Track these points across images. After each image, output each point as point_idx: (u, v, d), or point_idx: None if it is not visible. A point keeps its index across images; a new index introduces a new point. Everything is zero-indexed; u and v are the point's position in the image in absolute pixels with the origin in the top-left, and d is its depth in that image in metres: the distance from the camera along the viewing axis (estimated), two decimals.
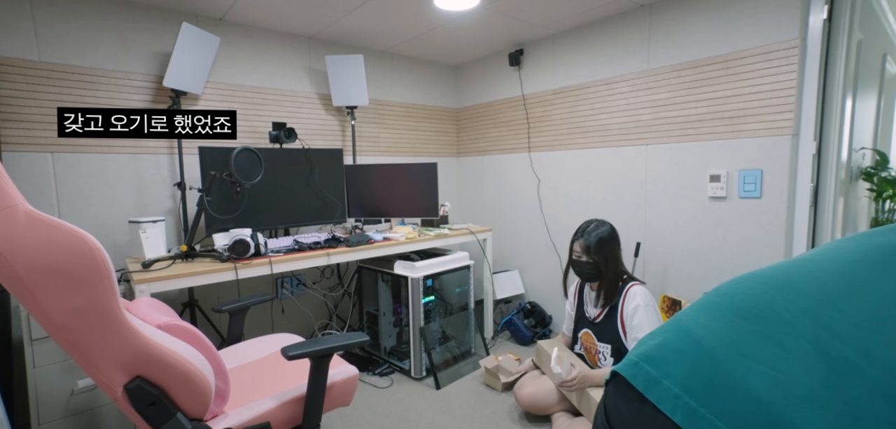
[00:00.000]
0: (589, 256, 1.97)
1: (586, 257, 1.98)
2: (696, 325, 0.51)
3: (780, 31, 2.09)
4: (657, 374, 0.47)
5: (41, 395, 1.80)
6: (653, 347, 0.51)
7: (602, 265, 1.96)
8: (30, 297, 0.90)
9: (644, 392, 0.47)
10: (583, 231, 2.03)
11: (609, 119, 2.80)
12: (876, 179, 2.86)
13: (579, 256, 2.00)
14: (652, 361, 0.49)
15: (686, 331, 0.51)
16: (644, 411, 0.46)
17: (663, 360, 0.48)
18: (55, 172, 2.21)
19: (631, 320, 1.88)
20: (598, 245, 1.96)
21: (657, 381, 0.47)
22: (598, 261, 1.96)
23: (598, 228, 2.01)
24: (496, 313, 3.37)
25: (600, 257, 1.95)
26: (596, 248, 1.96)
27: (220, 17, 2.61)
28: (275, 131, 2.69)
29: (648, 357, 0.49)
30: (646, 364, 0.49)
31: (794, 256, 2.17)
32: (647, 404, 0.46)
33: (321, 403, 1.36)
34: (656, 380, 0.47)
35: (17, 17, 2.08)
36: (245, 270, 2.05)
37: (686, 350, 0.48)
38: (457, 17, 2.71)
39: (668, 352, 0.49)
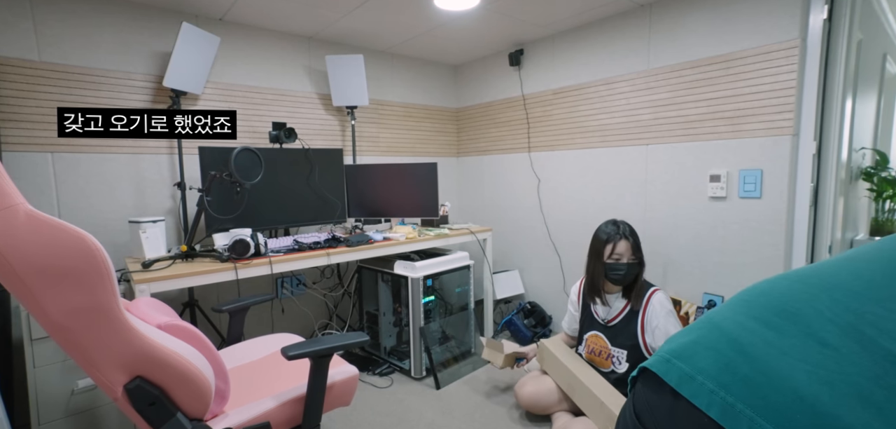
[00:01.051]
0: (635, 256, 1.93)
1: (629, 258, 1.92)
2: (731, 322, 0.50)
3: (780, 31, 2.09)
4: (690, 369, 0.47)
5: (41, 395, 1.80)
6: (685, 343, 0.50)
7: (642, 262, 1.95)
8: (30, 297, 0.90)
9: (677, 388, 0.46)
10: (619, 232, 1.95)
11: (609, 119, 2.80)
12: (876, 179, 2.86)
13: (620, 258, 1.93)
14: (684, 357, 0.48)
15: (719, 328, 0.50)
16: (678, 406, 0.46)
17: (696, 355, 0.48)
18: (55, 172, 2.21)
19: (655, 328, 1.86)
20: (638, 242, 1.96)
21: (690, 376, 0.46)
22: (642, 259, 1.95)
23: (627, 226, 1.98)
24: (496, 313, 3.37)
25: (642, 255, 1.95)
26: (639, 245, 1.95)
27: (220, 17, 2.61)
28: (275, 131, 2.69)
29: (680, 353, 0.49)
30: (678, 360, 0.48)
31: (793, 255, 2.18)
32: (680, 399, 0.46)
33: (321, 403, 1.36)
34: (689, 375, 0.46)
35: (17, 18, 2.08)
36: (245, 270, 2.05)
37: (720, 347, 0.48)
38: (457, 17, 2.71)
39: (701, 348, 0.49)
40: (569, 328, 2.27)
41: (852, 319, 0.44)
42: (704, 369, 0.46)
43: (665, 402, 0.48)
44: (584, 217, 2.95)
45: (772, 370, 0.43)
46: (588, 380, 1.91)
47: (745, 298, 0.54)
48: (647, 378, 0.51)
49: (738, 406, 0.42)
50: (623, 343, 1.96)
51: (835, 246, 2.29)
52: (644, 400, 0.52)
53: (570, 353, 2.12)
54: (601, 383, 1.91)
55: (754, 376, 0.44)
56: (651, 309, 1.89)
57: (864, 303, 0.45)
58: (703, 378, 0.46)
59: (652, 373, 0.50)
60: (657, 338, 1.86)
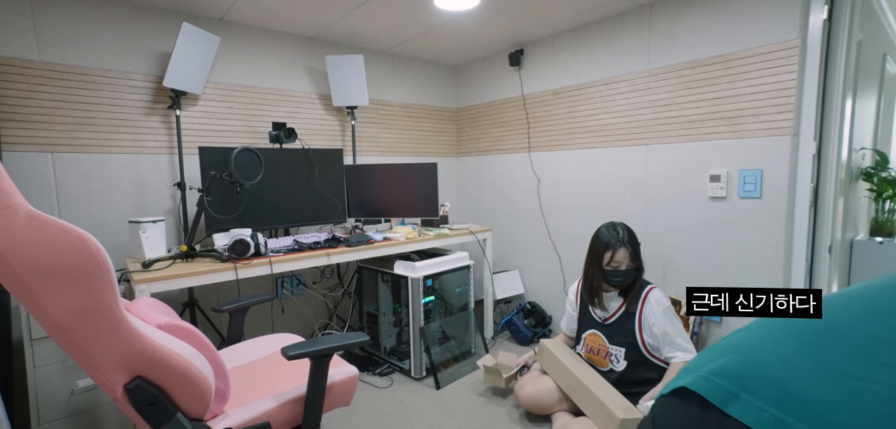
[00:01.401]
0: (633, 262, 1.92)
1: (628, 264, 1.92)
2: (773, 342, 0.50)
3: (780, 31, 2.09)
4: (734, 388, 0.47)
5: (41, 395, 1.80)
6: (726, 363, 0.50)
7: (640, 266, 1.95)
8: (30, 297, 0.90)
9: (722, 407, 0.46)
10: (619, 239, 1.94)
11: (609, 119, 2.80)
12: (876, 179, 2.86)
13: (619, 266, 1.92)
14: (726, 375, 0.48)
15: (762, 348, 0.50)
16: (725, 423, 0.46)
17: (740, 374, 0.48)
18: (55, 172, 2.21)
19: (653, 325, 1.86)
20: (638, 248, 1.95)
21: (735, 395, 0.46)
22: (639, 264, 1.94)
23: (627, 231, 1.96)
24: (496, 313, 3.37)
25: (640, 261, 1.94)
26: (638, 251, 1.94)
27: (220, 17, 2.61)
28: (275, 131, 2.69)
29: (720, 372, 0.49)
30: (719, 379, 0.48)
31: (793, 255, 2.18)
32: (727, 418, 0.46)
33: (321, 403, 1.36)
34: (734, 394, 0.46)
35: (17, 17, 2.08)
36: (245, 270, 2.05)
37: (767, 364, 0.48)
38: (457, 17, 2.71)
39: (746, 367, 0.48)
40: (567, 329, 2.27)
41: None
42: (750, 387, 0.46)
43: (706, 423, 0.48)
44: (584, 217, 2.95)
45: (822, 386, 0.43)
46: (588, 380, 1.91)
47: (785, 321, 0.54)
48: (682, 397, 0.51)
49: (789, 421, 0.42)
50: (621, 341, 1.96)
51: (835, 246, 2.29)
52: (678, 419, 0.51)
53: (569, 353, 2.12)
54: (601, 382, 1.91)
55: (804, 391, 0.44)
56: (648, 307, 1.90)
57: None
58: (749, 396, 0.46)
59: (691, 391, 0.50)
60: (657, 336, 1.86)
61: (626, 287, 1.97)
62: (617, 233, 1.96)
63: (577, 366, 2.01)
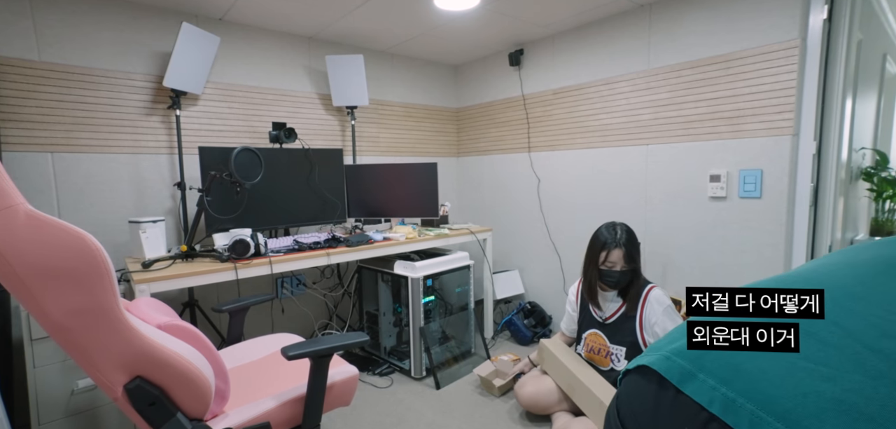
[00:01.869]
0: (628, 264, 1.91)
1: (623, 265, 1.91)
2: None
3: (779, 31, 2.09)
4: (693, 367, 0.47)
5: (41, 395, 1.80)
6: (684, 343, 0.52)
7: (637, 267, 1.94)
8: (30, 297, 0.90)
9: (678, 385, 0.47)
10: (615, 239, 1.93)
11: (609, 119, 2.80)
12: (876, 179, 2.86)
13: (614, 266, 1.92)
14: (687, 355, 0.49)
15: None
16: (679, 400, 0.47)
17: (700, 355, 0.49)
18: (55, 172, 2.21)
19: (654, 324, 1.86)
20: (635, 250, 1.93)
21: (692, 374, 0.47)
22: (636, 266, 1.93)
23: (626, 233, 1.95)
24: (496, 313, 3.37)
25: (637, 264, 1.93)
26: (635, 254, 1.92)
27: (220, 17, 2.61)
28: (275, 131, 2.69)
29: (681, 352, 0.50)
30: (679, 358, 0.49)
31: (793, 255, 2.18)
32: (681, 396, 0.46)
33: (321, 403, 1.36)
34: (691, 374, 0.47)
35: (17, 17, 2.08)
36: (245, 270, 2.05)
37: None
38: (457, 17, 2.71)
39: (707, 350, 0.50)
40: (567, 329, 2.27)
41: (856, 323, 0.46)
42: (707, 367, 0.47)
43: (660, 400, 0.49)
44: (584, 217, 2.95)
45: (772, 367, 0.45)
46: (588, 380, 1.91)
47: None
48: (643, 375, 0.52)
49: (739, 400, 0.43)
50: (621, 340, 1.96)
51: (835, 246, 2.29)
52: (632, 397, 0.53)
53: (569, 353, 2.12)
54: (601, 382, 1.91)
55: (755, 373, 0.45)
56: (649, 306, 1.89)
57: (867, 306, 0.47)
58: (705, 375, 0.46)
59: (652, 370, 0.51)
60: (658, 336, 1.86)
61: (625, 288, 1.97)
62: (614, 233, 1.96)
63: (577, 366, 2.01)
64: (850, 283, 0.52)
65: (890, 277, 0.50)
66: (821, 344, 0.45)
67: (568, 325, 2.26)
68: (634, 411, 0.51)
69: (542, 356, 2.19)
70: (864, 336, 0.44)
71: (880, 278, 0.51)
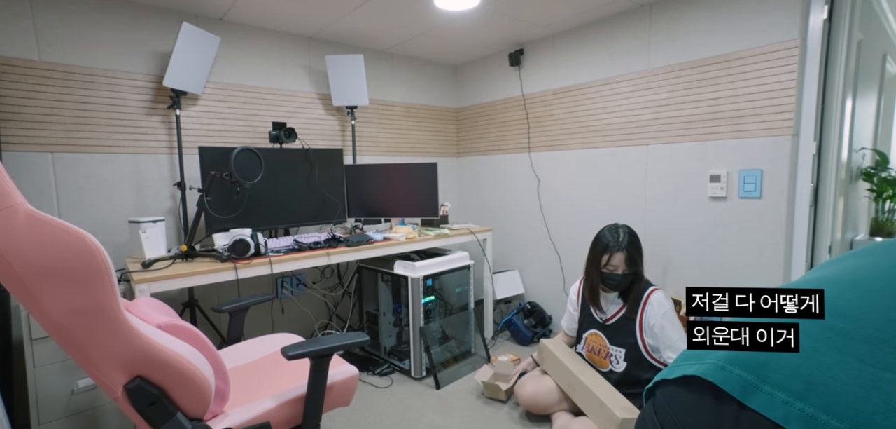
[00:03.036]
0: (631, 268, 1.90)
1: (625, 269, 1.90)
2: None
3: (780, 31, 2.09)
4: (754, 379, 0.43)
5: (41, 395, 1.80)
6: (741, 351, 0.46)
7: (639, 270, 1.93)
8: (30, 297, 0.90)
9: (741, 399, 0.42)
10: (617, 243, 1.91)
11: (609, 119, 2.80)
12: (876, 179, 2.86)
13: (615, 269, 1.91)
14: (743, 365, 0.44)
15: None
16: (744, 417, 0.42)
17: (759, 363, 0.44)
18: (55, 172, 2.21)
19: (653, 326, 1.85)
20: (637, 254, 1.92)
21: (756, 387, 0.42)
22: (639, 269, 1.92)
23: (629, 235, 1.93)
24: (496, 313, 3.37)
25: (639, 267, 1.92)
26: (637, 258, 1.91)
27: (220, 17, 2.61)
28: (275, 131, 2.69)
29: (737, 361, 0.45)
30: (736, 368, 0.44)
31: (793, 255, 2.18)
32: (747, 411, 0.41)
33: (321, 403, 1.36)
34: (755, 386, 0.42)
35: (17, 17, 2.08)
36: (245, 270, 2.05)
37: (786, 354, 0.44)
38: (457, 17, 2.71)
39: (764, 356, 0.44)
40: (568, 328, 2.27)
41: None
42: (772, 379, 0.42)
43: (725, 413, 0.44)
44: (584, 217, 2.95)
45: (851, 378, 0.40)
46: (588, 380, 1.91)
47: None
48: (692, 386, 0.46)
49: (820, 417, 0.38)
50: (621, 342, 1.96)
51: (835, 246, 2.29)
52: (684, 410, 0.47)
53: (570, 353, 2.12)
54: (601, 382, 1.91)
55: (834, 385, 0.40)
56: (649, 308, 1.89)
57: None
58: (772, 388, 0.42)
59: (704, 381, 0.45)
60: (657, 338, 1.86)
61: (626, 290, 1.96)
62: (617, 236, 1.95)
63: (577, 366, 2.01)
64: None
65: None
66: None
67: (569, 324, 2.26)
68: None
69: (543, 356, 2.19)
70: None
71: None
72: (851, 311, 0.44)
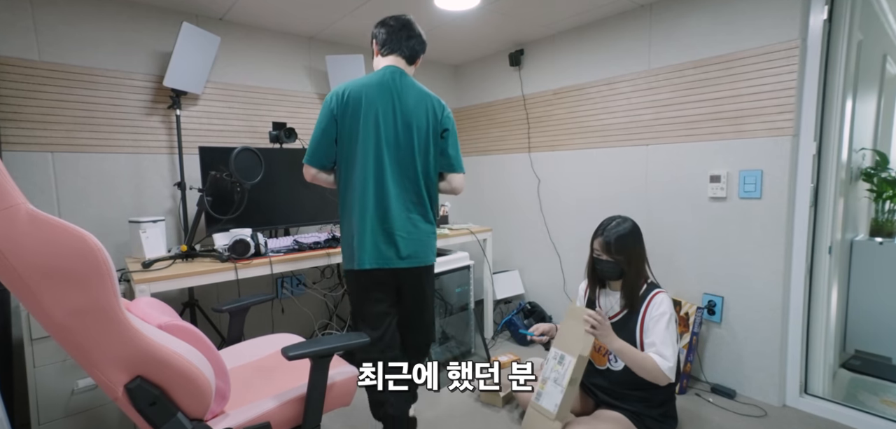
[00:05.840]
0: (610, 255, 1.91)
1: (607, 256, 1.91)
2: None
3: (780, 31, 2.10)
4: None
5: (41, 395, 1.80)
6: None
7: (624, 265, 1.92)
8: (30, 296, 0.90)
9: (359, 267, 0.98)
10: (603, 229, 1.96)
11: (610, 119, 2.80)
12: (876, 180, 2.87)
13: (599, 255, 1.94)
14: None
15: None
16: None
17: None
18: (55, 172, 2.21)
19: (651, 329, 1.85)
20: (619, 243, 1.92)
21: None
22: (621, 260, 1.92)
23: (620, 225, 1.94)
24: (496, 313, 3.37)
25: (622, 256, 1.91)
26: (617, 247, 1.91)
27: (220, 17, 2.61)
28: (275, 131, 2.69)
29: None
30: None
31: (793, 255, 2.18)
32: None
33: (321, 403, 1.36)
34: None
35: (17, 18, 2.08)
36: (245, 270, 2.05)
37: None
38: (457, 17, 2.71)
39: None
40: None
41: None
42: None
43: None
44: (585, 217, 2.95)
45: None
46: (571, 332, 1.89)
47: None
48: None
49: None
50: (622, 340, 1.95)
51: (835, 246, 2.29)
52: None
53: (575, 316, 2.02)
54: (581, 338, 1.86)
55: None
56: (652, 311, 1.89)
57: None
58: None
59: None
60: (648, 334, 1.85)
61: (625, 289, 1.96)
62: (606, 224, 1.96)
63: (566, 325, 1.96)
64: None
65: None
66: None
67: None
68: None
69: (570, 320, 2.03)
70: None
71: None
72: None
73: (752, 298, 2.29)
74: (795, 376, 2.24)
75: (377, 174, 1.73)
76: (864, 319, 2.78)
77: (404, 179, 1.78)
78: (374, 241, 1.74)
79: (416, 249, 1.81)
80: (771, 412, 2.21)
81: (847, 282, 2.79)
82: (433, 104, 1.83)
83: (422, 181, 1.81)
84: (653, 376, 1.75)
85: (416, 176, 1.79)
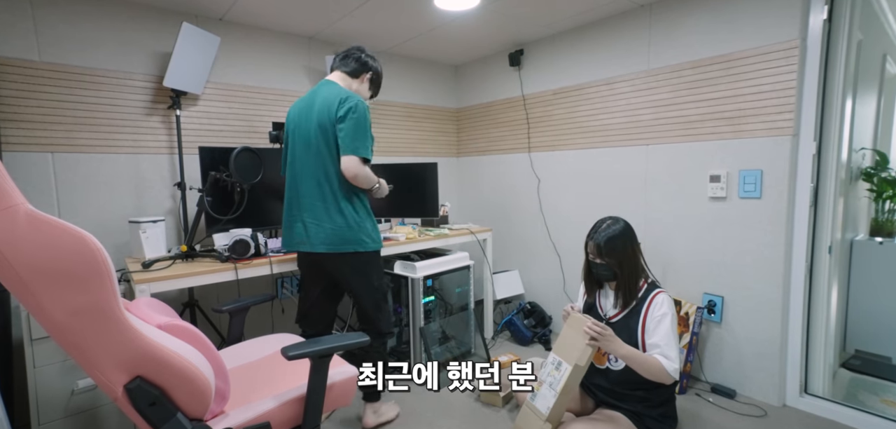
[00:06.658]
0: (602, 258, 1.90)
1: (600, 259, 1.91)
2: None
3: (780, 31, 2.10)
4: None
5: (41, 395, 1.80)
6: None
7: (616, 267, 1.92)
8: (30, 297, 0.90)
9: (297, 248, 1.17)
10: (595, 231, 1.96)
11: (609, 119, 2.80)
12: (876, 179, 2.87)
13: (593, 258, 1.94)
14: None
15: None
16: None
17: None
18: (55, 172, 2.21)
19: (653, 329, 1.85)
20: (609, 245, 1.91)
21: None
22: (612, 263, 1.92)
23: (611, 227, 1.93)
24: (496, 313, 3.37)
25: (614, 259, 1.91)
26: (607, 249, 1.91)
27: (220, 17, 2.61)
28: (275, 131, 2.68)
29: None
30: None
31: (793, 255, 2.18)
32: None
33: (321, 403, 1.36)
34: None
35: (17, 18, 2.08)
36: (245, 270, 2.06)
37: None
38: (457, 17, 2.71)
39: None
40: None
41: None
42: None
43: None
44: (585, 217, 2.94)
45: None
46: (571, 340, 1.88)
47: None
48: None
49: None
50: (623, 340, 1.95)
51: (835, 246, 2.29)
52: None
53: (576, 325, 2.01)
54: (579, 348, 1.86)
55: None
56: (653, 311, 1.89)
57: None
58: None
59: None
60: (650, 335, 1.85)
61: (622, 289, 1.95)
62: (599, 226, 1.96)
63: (566, 333, 1.96)
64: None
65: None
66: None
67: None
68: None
69: (571, 325, 2.02)
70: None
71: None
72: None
73: (752, 298, 2.28)
74: (795, 376, 2.24)
75: (293, 172, 2.05)
76: (864, 319, 2.78)
77: (317, 173, 1.98)
78: (290, 226, 2.06)
79: (328, 237, 1.98)
80: (771, 412, 2.20)
81: (847, 282, 2.79)
82: (336, 99, 1.93)
83: (328, 173, 1.98)
84: (659, 377, 1.76)
85: (326, 169, 1.98)
